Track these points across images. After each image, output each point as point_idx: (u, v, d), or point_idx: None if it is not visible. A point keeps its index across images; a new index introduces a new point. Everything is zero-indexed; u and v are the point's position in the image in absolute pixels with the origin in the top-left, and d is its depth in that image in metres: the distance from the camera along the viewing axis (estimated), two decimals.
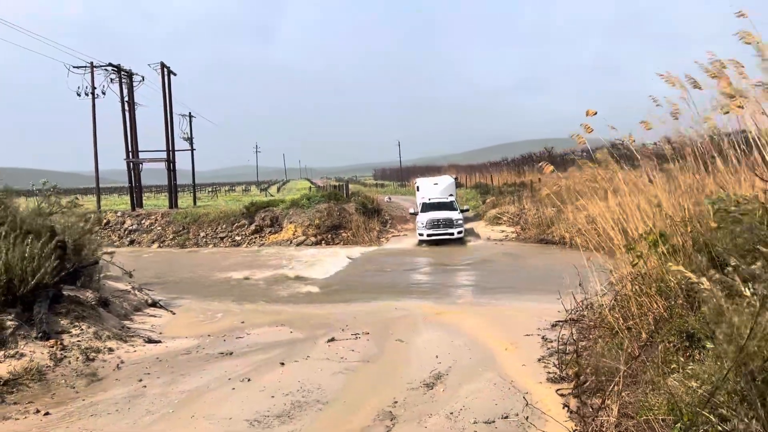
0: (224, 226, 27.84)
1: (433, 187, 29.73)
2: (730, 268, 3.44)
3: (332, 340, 9.17)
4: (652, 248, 5.60)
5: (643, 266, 5.72)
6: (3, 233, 8.71)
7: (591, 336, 6.94)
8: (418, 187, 30.97)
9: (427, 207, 26.67)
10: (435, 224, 24.45)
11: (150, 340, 9.32)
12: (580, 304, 8.15)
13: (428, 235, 24.19)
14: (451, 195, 28.83)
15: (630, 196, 6.69)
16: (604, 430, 4.44)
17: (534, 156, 47.94)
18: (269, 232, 27.27)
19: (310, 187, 50.08)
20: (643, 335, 5.10)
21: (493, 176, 49.78)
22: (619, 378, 4.57)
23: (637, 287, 5.79)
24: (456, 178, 34.99)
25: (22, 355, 7.47)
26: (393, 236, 27.66)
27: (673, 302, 5.04)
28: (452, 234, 24.12)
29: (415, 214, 27.27)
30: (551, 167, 7.36)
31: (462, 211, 27.04)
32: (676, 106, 5.83)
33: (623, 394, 4.58)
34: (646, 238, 5.74)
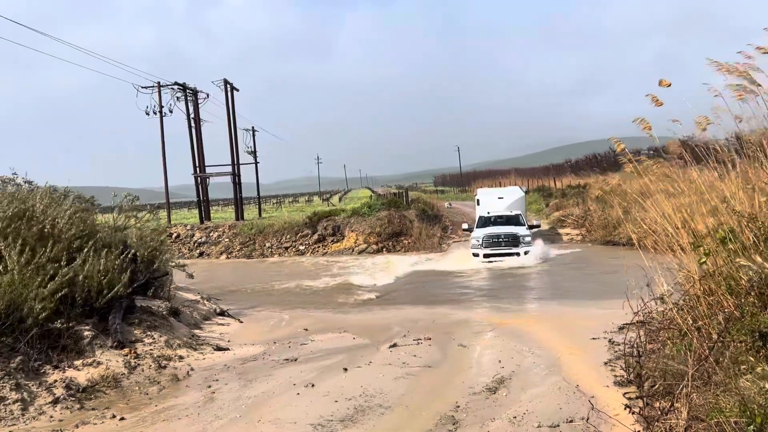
0: (288, 236, 28.42)
1: (497, 202, 24.09)
2: None
3: (394, 345, 9.21)
4: (720, 245, 5.38)
5: (712, 264, 5.51)
6: (83, 247, 9.17)
7: (659, 338, 6.72)
8: (478, 201, 25.21)
9: (485, 221, 21.96)
10: (494, 241, 19.99)
11: (218, 348, 9.60)
12: (647, 305, 7.91)
13: (485, 256, 19.84)
14: (519, 212, 22.93)
15: (695, 195, 6.46)
16: None
17: (598, 156, 46.72)
18: (331, 241, 27.65)
19: (371, 196, 50.45)
20: (713, 335, 4.91)
21: (555, 179, 48.86)
22: (688, 380, 4.41)
23: (705, 286, 5.58)
24: (527, 191, 28.35)
25: (99, 363, 7.84)
26: (454, 242, 27.55)
27: (743, 300, 4.83)
28: (518, 254, 19.55)
29: (469, 230, 22.32)
30: (616, 180, 7.22)
31: (531, 226, 21.78)
32: (740, 95, 5.61)
33: (693, 396, 4.42)
34: (715, 235, 5.53)
